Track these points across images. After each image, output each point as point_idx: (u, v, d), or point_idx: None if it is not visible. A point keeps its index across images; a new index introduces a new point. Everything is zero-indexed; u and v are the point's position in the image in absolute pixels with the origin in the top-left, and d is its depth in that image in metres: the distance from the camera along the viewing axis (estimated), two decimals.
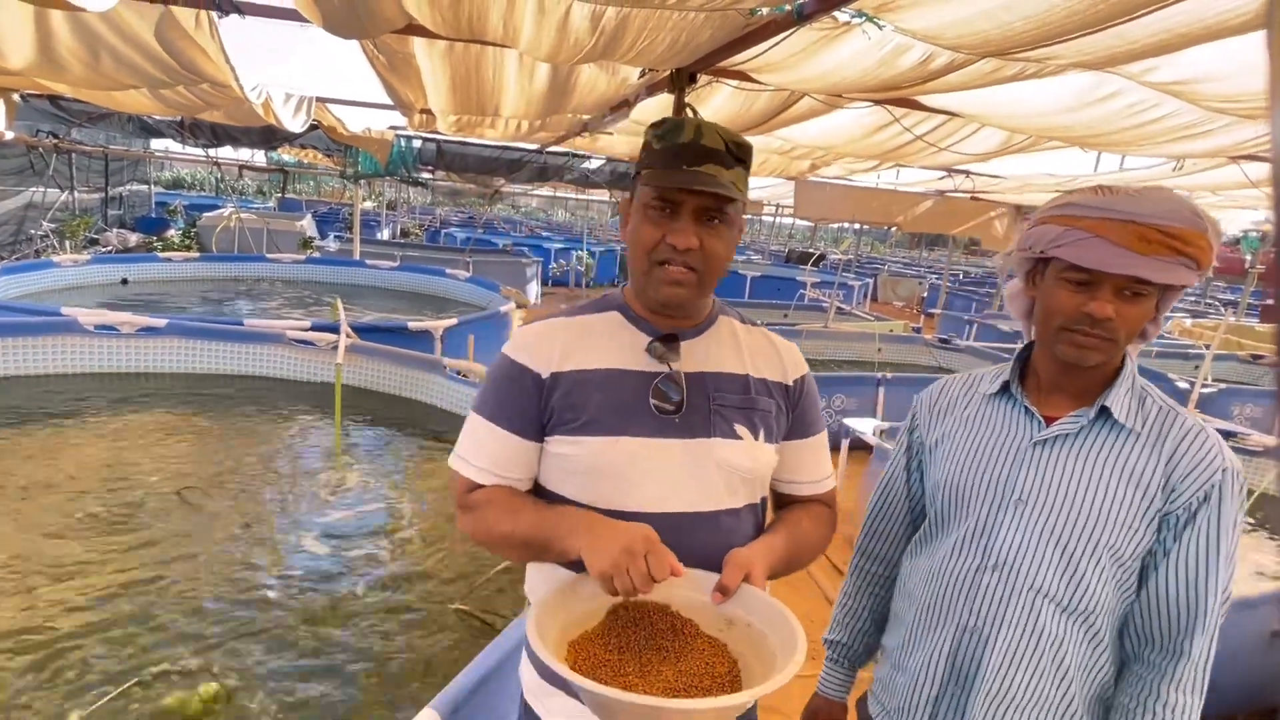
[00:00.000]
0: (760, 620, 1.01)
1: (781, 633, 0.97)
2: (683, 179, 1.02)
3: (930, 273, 21.03)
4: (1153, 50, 2.59)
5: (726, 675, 0.97)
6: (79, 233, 11.82)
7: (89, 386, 5.03)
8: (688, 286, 1.07)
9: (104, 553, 3.04)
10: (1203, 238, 1.00)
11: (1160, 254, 0.99)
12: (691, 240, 1.04)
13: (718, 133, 1.05)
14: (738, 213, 1.10)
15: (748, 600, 1.02)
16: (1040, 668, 1.10)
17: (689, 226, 1.04)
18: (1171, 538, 1.06)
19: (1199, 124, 3.68)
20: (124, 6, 3.54)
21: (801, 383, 1.22)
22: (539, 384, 1.11)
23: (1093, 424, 1.10)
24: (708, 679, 0.96)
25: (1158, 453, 1.06)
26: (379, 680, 2.46)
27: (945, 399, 1.28)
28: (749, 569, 1.02)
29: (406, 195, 25.67)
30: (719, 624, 1.03)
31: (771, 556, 1.08)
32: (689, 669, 0.97)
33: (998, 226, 10.56)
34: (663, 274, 1.06)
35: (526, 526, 1.07)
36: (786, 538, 1.14)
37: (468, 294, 9.36)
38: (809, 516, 1.22)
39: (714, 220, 1.06)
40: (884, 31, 2.87)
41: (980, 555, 1.14)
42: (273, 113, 5.57)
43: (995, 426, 1.18)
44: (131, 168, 16.21)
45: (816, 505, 1.26)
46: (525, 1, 2.97)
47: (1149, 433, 1.08)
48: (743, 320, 1.25)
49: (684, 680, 0.95)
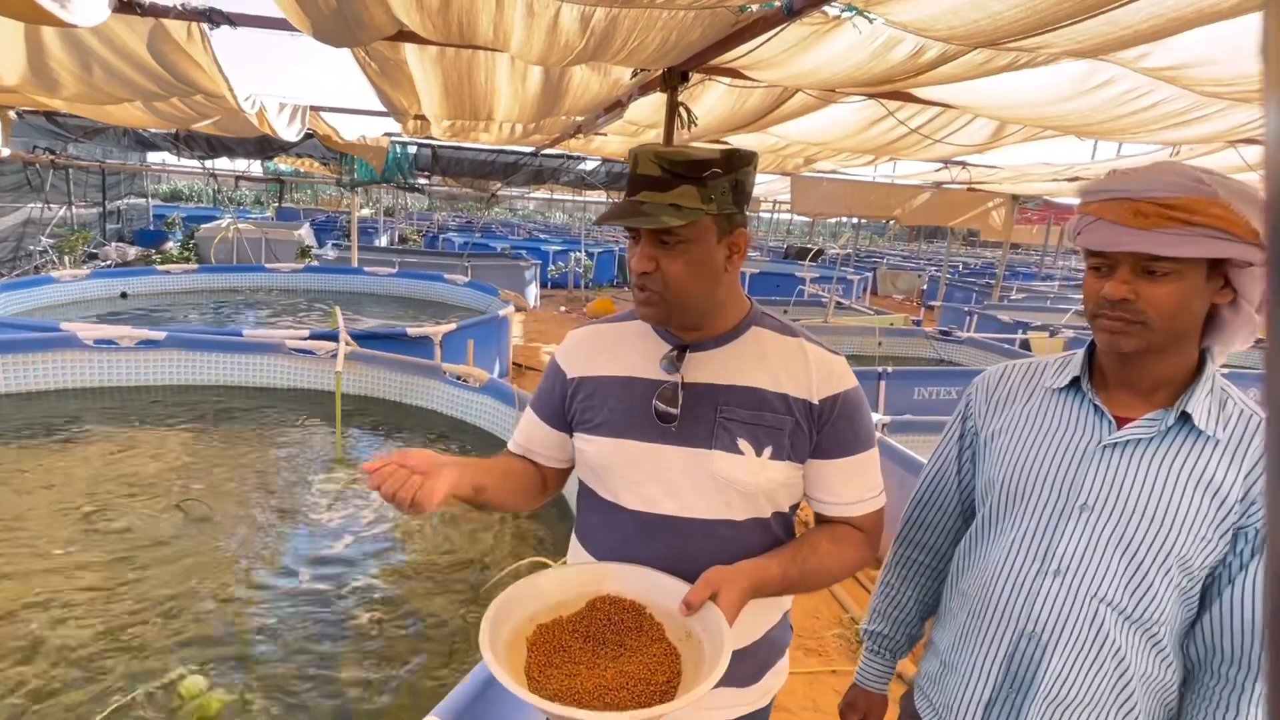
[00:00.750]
0: (707, 641, 1.02)
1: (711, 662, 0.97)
2: (617, 212, 1.08)
3: (930, 265, 20.99)
4: (1145, 36, 2.58)
5: (663, 684, 0.99)
6: (78, 248, 11.83)
7: (89, 402, 5.03)
8: (654, 306, 1.12)
9: (106, 565, 3.04)
10: (1213, 204, 0.94)
11: (1163, 226, 0.95)
12: (646, 264, 1.09)
13: (653, 159, 1.06)
14: (700, 231, 1.08)
15: (706, 619, 1.04)
16: (1102, 676, 1.06)
17: (645, 250, 1.09)
18: (1249, 551, 1.01)
19: (1193, 109, 3.67)
20: (115, 21, 3.54)
21: (835, 401, 1.15)
22: (566, 384, 1.25)
23: (1169, 429, 1.05)
24: (641, 684, 0.98)
25: (1238, 462, 1.01)
26: (383, 688, 2.46)
27: (1005, 389, 1.22)
28: (718, 588, 1.03)
29: (404, 201, 25.69)
30: (681, 634, 1.06)
31: (758, 577, 1.08)
32: (630, 671, 1.00)
33: (995, 217, 10.56)
34: (638, 296, 1.13)
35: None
36: (787, 560, 1.13)
37: (466, 298, 9.36)
38: (832, 538, 1.19)
39: (666, 242, 1.08)
40: (874, 25, 2.86)
41: (1041, 559, 1.10)
42: (267, 122, 5.58)
43: (1060, 424, 1.13)
44: (128, 181, 16.23)
45: (844, 527, 1.21)
46: (514, 5, 2.97)
47: (1230, 439, 1.02)
48: (784, 330, 1.21)
49: (619, 680, 0.99)
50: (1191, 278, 0.98)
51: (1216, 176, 0.97)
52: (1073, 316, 10.37)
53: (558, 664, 1.01)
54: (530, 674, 0.99)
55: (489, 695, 1.70)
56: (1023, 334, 8.72)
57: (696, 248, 1.09)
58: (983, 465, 1.22)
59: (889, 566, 1.39)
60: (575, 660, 1.02)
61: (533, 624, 1.06)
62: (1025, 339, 8.45)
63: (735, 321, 1.19)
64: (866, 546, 1.22)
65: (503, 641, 1.00)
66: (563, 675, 0.99)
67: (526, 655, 1.03)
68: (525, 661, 1.02)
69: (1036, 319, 9.75)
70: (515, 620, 1.05)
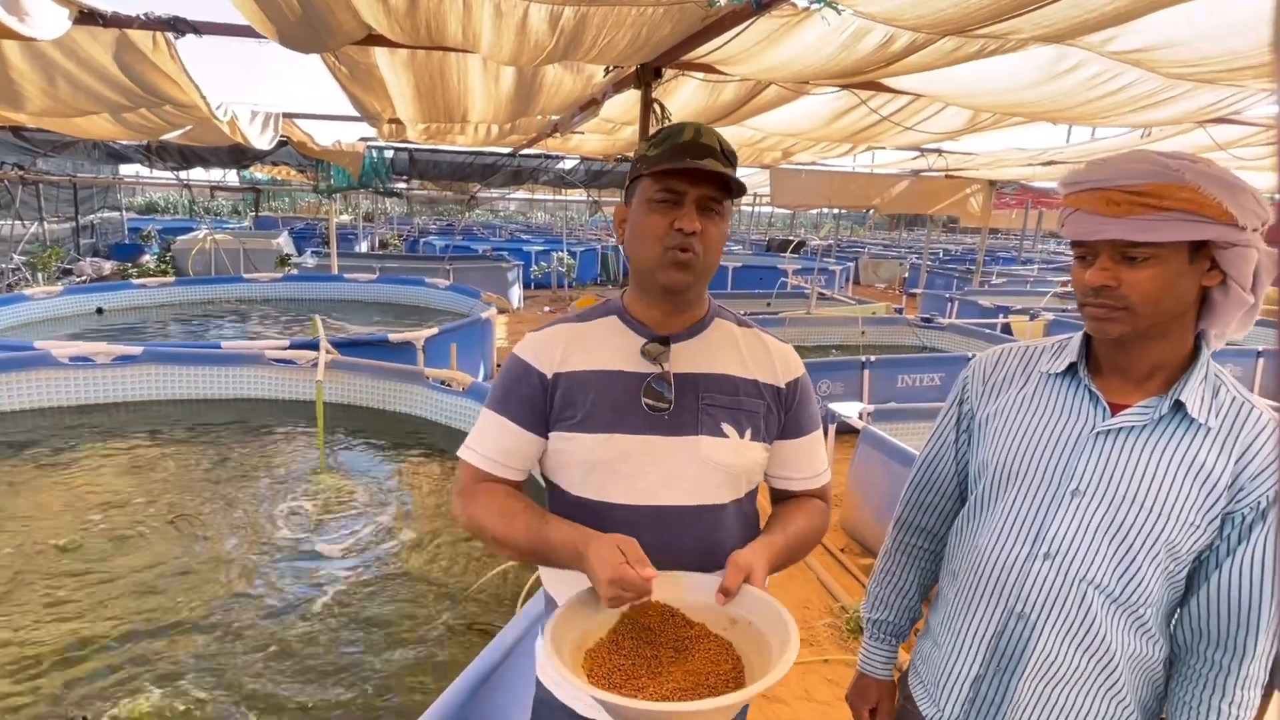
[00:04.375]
0: (759, 619, 1.06)
1: (778, 631, 1.02)
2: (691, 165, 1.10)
3: (911, 253, 21.12)
4: (1110, 19, 2.60)
5: (731, 672, 1.02)
6: (51, 264, 11.65)
7: (66, 420, 4.96)
8: (692, 270, 1.14)
9: (87, 584, 3.00)
10: (1181, 189, 0.96)
11: (1136, 213, 0.97)
12: (697, 224, 1.11)
13: (714, 134, 1.15)
14: (729, 209, 1.19)
15: (748, 600, 1.08)
16: (1089, 655, 1.09)
17: (693, 212, 1.12)
18: (1237, 536, 1.03)
19: (1161, 91, 3.70)
20: (78, 32, 3.48)
21: (795, 385, 1.26)
22: (544, 382, 1.20)
23: (1162, 417, 1.06)
24: (714, 677, 1.01)
25: (1228, 449, 1.03)
26: (372, 696, 2.44)
27: (1001, 373, 1.23)
28: (749, 570, 1.08)
29: (384, 206, 25.50)
30: (724, 623, 1.08)
31: (771, 554, 1.14)
32: (696, 668, 1.02)
33: (973, 203, 10.62)
34: (673, 257, 1.13)
35: (520, 538, 1.13)
36: (784, 535, 1.20)
37: (449, 302, 9.32)
38: (803, 511, 1.27)
39: (712, 211, 1.14)
40: (843, 16, 2.86)
41: (1031, 542, 1.12)
42: (239, 131, 5.51)
43: (1055, 409, 1.14)
44: (101, 195, 16.01)
45: (810, 500, 1.30)
46: (482, 6, 2.94)
47: (1221, 427, 1.04)
48: (739, 323, 1.29)
49: (691, 680, 1.00)
50: (1173, 261, 0.99)
51: (1184, 161, 0.97)
52: (1052, 299, 10.48)
53: (621, 684, 0.99)
54: None
55: (480, 696, 1.69)
56: (1004, 318, 8.80)
57: (726, 222, 1.19)
58: (977, 448, 1.23)
59: (888, 553, 1.39)
60: (636, 676, 1.00)
61: (580, 652, 1.04)
62: (1006, 323, 8.53)
63: (704, 312, 1.26)
64: (828, 514, 1.33)
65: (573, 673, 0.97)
66: (634, 690, 0.98)
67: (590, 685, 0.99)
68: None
69: (1017, 303, 9.84)
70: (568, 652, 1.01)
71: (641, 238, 1.16)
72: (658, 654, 1.04)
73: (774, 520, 1.26)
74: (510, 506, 1.16)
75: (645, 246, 1.15)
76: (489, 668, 1.76)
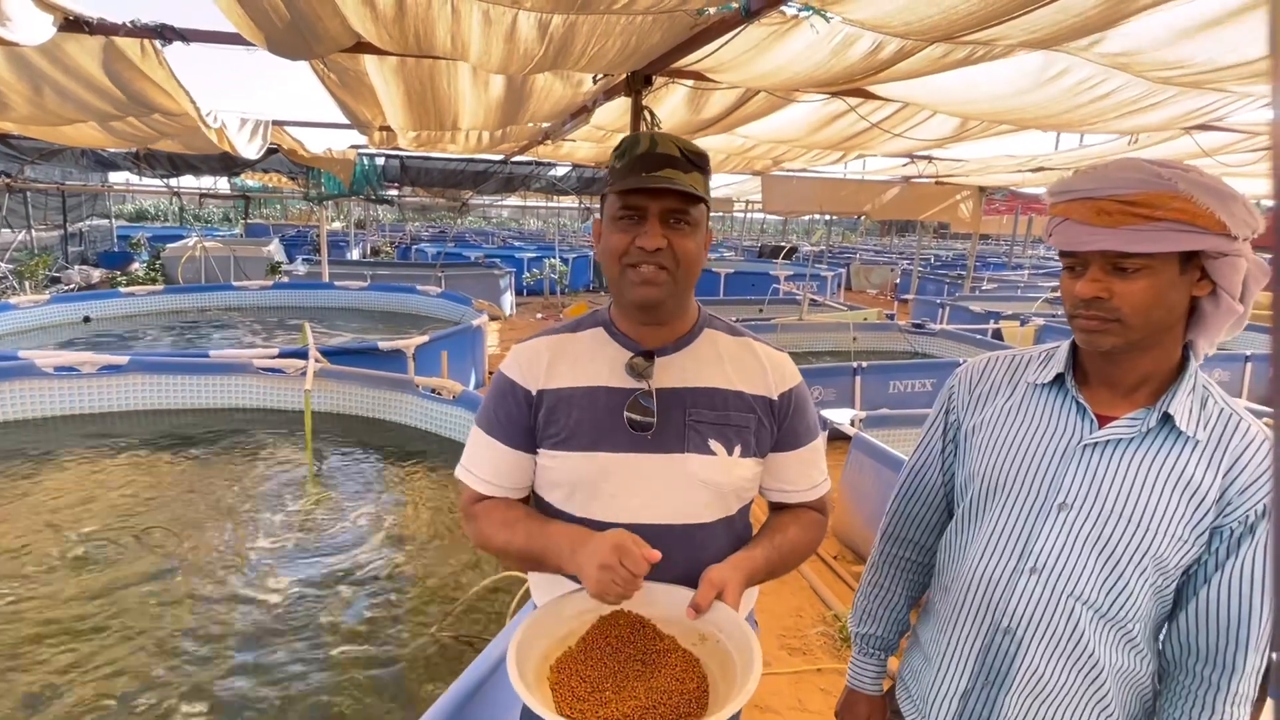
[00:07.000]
0: (727, 638, 1.05)
1: (744, 653, 1.00)
2: (643, 182, 1.07)
3: (902, 259, 21.21)
4: (1096, 23, 2.62)
5: (695, 692, 1.00)
6: (38, 272, 11.56)
7: (51, 431, 4.90)
8: (661, 285, 1.10)
9: (72, 598, 2.95)
10: (1174, 198, 0.94)
11: (1128, 224, 0.95)
12: (659, 241, 1.08)
13: (672, 141, 1.10)
14: (702, 215, 1.14)
15: (719, 618, 1.06)
16: (1077, 670, 1.07)
17: (655, 229, 1.08)
18: (1225, 550, 1.01)
19: (1146, 96, 3.73)
20: (64, 40, 3.46)
21: (790, 396, 1.22)
22: (528, 399, 1.18)
23: (1150, 430, 1.04)
24: (677, 695, 0.99)
25: (1216, 463, 1.01)
26: (358, 709, 2.41)
27: (987, 382, 1.21)
28: (722, 587, 1.07)
29: (375, 213, 25.43)
30: (694, 638, 1.07)
31: (749, 568, 1.12)
32: (660, 685, 1.00)
33: (964, 209, 10.70)
34: (635, 275, 1.10)
35: (521, 542, 1.14)
36: (768, 547, 1.18)
37: (440, 309, 9.28)
38: (796, 523, 1.25)
39: (679, 222, 1.10)
40: (832, 24, 2.87)
41: (1018, 557, 1.10)
42: (227, 139, 5.48)
43: (1042, 421, 1.12)
44: (90, 202, 15.89)
45: (806, 511, 1.28)
46: (470, 14, 2.93)
47: (1209, 440, 1.02)
48: (731, 331, 1.25)
49: (654, 697, 0.98)
50: (1164, 272, 0.97)
51: (1176, 170, 0.96)
52: (1042, 305, 10.53)
53: (584, 696, 0.98)
54: (563, 713, 0.95)
55: (468, 709, 1.67)
56: (994, 324, 8.84)
57: (699, 231, 1.14)
58: (964, 459, 1.21)
59: (875, 565, 1.37)
60: (600, 689, 1.00)
61: (547, 663, 1.03)
62: (997, 329, 8.56)
63: (692, 323, 1.22)
64: (824, 525, 1.30)
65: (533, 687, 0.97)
66: (595, 706, 0.97)
67: (554, 695, 0.99)
68: (554, 703, 0.98)
69: (1007, 308, 9.89)
70: (534, 662, 1.01)
71: (606, 255, 1.14)
72: (624, 667, 1.03)
73: (762, 532, 1.23)
74: (511, 515, 1.18)
75: (610, 264, 1.13)
76: (477, 680, 1.74)
